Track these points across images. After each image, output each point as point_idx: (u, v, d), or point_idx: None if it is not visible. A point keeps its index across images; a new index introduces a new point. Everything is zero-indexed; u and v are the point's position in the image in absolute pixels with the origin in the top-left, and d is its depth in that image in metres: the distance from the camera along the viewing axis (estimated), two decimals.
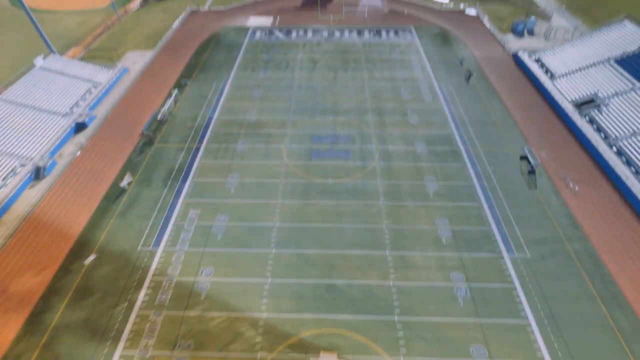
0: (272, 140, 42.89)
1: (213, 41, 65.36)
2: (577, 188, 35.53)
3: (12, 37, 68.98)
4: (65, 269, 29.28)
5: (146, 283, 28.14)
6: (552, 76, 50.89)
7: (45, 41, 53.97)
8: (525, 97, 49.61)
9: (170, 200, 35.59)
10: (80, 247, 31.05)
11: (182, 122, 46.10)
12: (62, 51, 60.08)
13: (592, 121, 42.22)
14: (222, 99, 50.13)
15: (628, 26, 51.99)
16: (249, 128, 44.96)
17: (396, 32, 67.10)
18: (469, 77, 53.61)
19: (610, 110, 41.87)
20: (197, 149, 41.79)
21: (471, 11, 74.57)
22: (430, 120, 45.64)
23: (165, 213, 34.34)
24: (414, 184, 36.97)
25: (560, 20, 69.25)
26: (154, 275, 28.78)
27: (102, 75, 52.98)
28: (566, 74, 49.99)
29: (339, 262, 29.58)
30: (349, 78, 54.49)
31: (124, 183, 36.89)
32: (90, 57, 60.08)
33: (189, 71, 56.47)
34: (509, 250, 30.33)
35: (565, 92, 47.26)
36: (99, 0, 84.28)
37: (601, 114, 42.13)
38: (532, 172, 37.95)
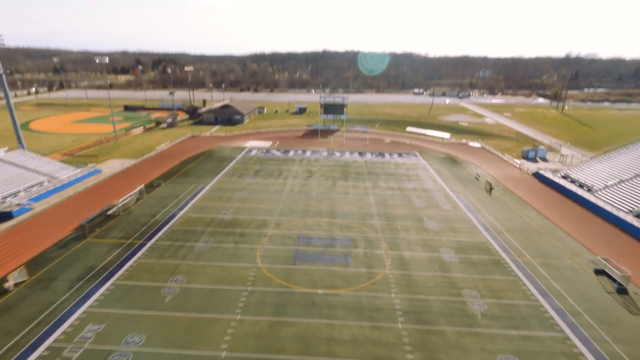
0: (245, 240, 32.89)
1: (205, 155, 63.22)
2: None
3: None
4: None
5: None
6: (589, 189, 44.46)
7: (18, 136, 51.27)
8: (566, 209, 41.77)
9: (67, 309, 23.22)
10: None
11: (136, 218, 37.27)
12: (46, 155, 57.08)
13: None
14: (195, 199, 42.69)
15: None
16: (219, 226, 35.67)
17: (400, 155, 65.39)
18: (490, 189, 47.36)
19: None
20: (141, 246, 31.47)
21: (475, 144, 75.54)
22: (455, 227, 36.43)
23: (47, 327, 21.56)
24: (449, 300, 24.83)
25: (569, 151, 68.66)
26: None
27: (65, 172, 47.59)
28: (608, 187, 43.82)
29: None
30: (349, 186, 48.35)
31: (9, 283, 25.35)
32: (68, 161, 56.51)
33: (169, 175, 51.30)
34: None
35: (616, 203, 39.74)
36: (102, 127, 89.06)
37: None
38: (622, 290, 26.18)
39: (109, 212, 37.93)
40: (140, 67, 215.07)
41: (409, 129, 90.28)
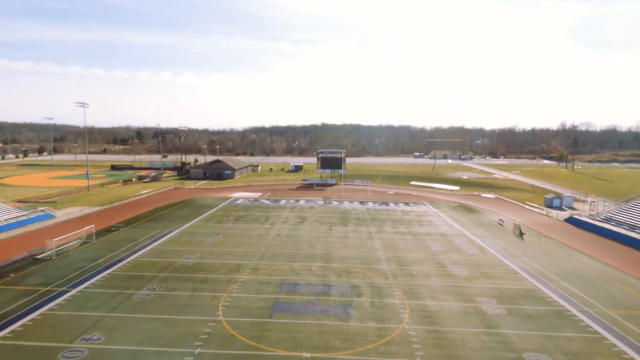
0: (207, 288, 24.56)
1: (183, 203, 56.36)
2: None
3: None
4: None
5: None
6: None
7: None
8: (621, 253, 33.86)
9: None
10: None
11: (71, 262, 29.14)
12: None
13: None
14: (155, 243, 34.87)
15: None
16: (176, 272, 27.50)
17: (407, 204, 58.60)
18: (520, 233, 39.75)
19: None
20: (61, 294, 23.10)
21: (488, 195, 69.34)
22: (489, 273, 28.26)
23: None
24: None
25: (596, 200, 62.08)
26: None
27: (6, 215, 40.34)
28: None
29: None
30: (349, 231, 40.74)
31: None
32: (25, 206, 49.42)
33: (134, 221, 43.90)
34: None
35: None
36: (78, 182, 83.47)
37: None
38: None
39: (38, 256, 29.95)
40: (134, 139, 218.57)
41: (413, 182, 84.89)
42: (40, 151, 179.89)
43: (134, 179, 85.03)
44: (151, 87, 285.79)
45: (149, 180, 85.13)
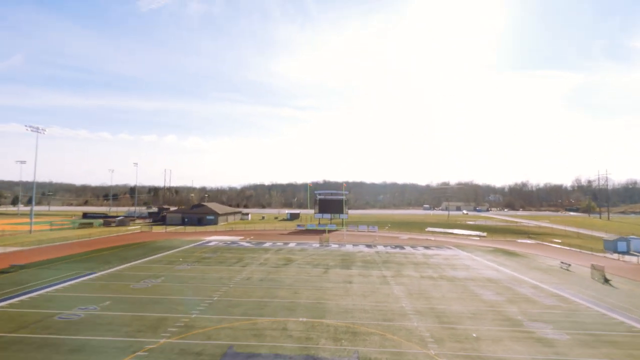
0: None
1: (138, 245, 44.80)
2: None
3: None
4: None
5: None
6: None
7: None
8: None
9: None
10: None
11: None
12: None
13: None
14: (51, 288, 23.22)
15: None
16: (42, 331, 15.80)
17: (428, 248, 46.79)
18: (605, 279, 27.88)
19: None
20: None
21: (526, 240, 57.49)
22: (606, 336, 16.36)
23: None
24: None
25: None
26: None
27: None
28: None
29: None
30: (353, 274, 28.92)
31: None
32: None
33: (54, 261, 32.32)
34: None
35: None
36: (28, 227, 72.23)
37: None
38: None
39: None
40: (126, 194, 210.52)
41: (429, 229, 73.28)
42: (14, 202, 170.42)
43: (94, 223, 73.72)
44: (156, 150, 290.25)
45: (115, 224, 73.85)
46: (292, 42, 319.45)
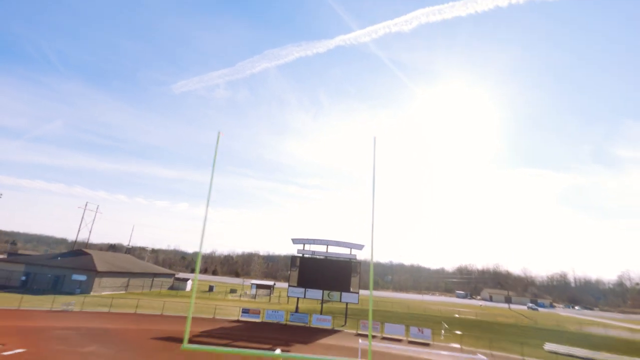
0: None
1: None
2: None
3: None
4: None
5: None
6: None
7: None
8: None
9: None
10: None
11: None
12: None
13: None
14: None
15: None
16: None
17: None
18: None
19: None
20: None
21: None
22: None
23: None
24: None
25: None
26: None
27: None
28: None
29: None
30: None
31: None
32: None
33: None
34: None
35: None
36: None
37: None
38: None
39: None
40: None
41: (548, 346, 32.96)
42: None
43: None
44: (167, 214, 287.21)
45: None
46: (304, 128, 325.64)
